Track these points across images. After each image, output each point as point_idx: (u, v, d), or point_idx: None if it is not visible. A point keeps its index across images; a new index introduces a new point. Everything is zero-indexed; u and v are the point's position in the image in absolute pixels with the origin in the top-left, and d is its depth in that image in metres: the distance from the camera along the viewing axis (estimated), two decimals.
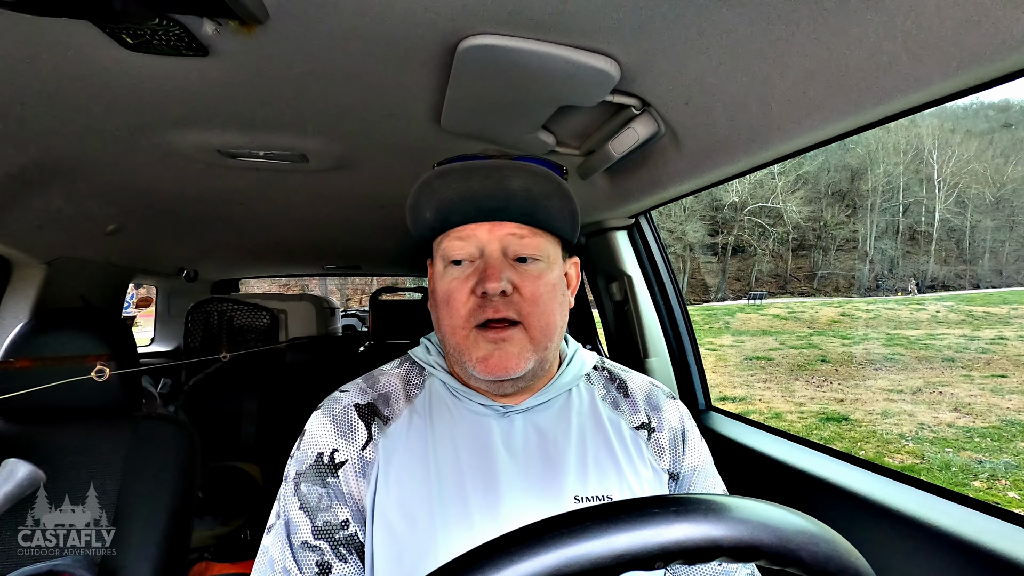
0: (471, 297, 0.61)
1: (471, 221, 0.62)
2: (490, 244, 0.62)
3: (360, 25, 0.73)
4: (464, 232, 0.62)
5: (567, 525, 0.28)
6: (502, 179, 0.60)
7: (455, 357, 0.64)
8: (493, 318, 0.60)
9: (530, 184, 0.61)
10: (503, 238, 0.62)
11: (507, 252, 0.62)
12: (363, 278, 20.77)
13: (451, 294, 0.62)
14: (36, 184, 1.29)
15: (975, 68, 0.54)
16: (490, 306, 0.60)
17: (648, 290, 1.68)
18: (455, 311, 0.62)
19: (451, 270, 0.63)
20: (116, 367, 1.11)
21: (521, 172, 0.60)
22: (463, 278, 0.62)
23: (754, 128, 0.83)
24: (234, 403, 2.58)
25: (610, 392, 0.74)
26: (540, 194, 0.61)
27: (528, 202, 0.61)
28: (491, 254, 0.62)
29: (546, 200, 0.62)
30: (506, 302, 0.61)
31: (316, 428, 0.66)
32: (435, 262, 0.67)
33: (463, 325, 0.62)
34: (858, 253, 35.01)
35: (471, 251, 0.62)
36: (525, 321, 0.61)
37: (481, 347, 0.61)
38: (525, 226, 0.62)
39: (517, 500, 0.61)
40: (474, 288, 0.61)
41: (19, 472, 0.98)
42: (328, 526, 0.61)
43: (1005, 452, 7.65)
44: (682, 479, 0.71)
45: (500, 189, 0.60)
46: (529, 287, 0.62)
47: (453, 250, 0.63)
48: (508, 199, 0.61)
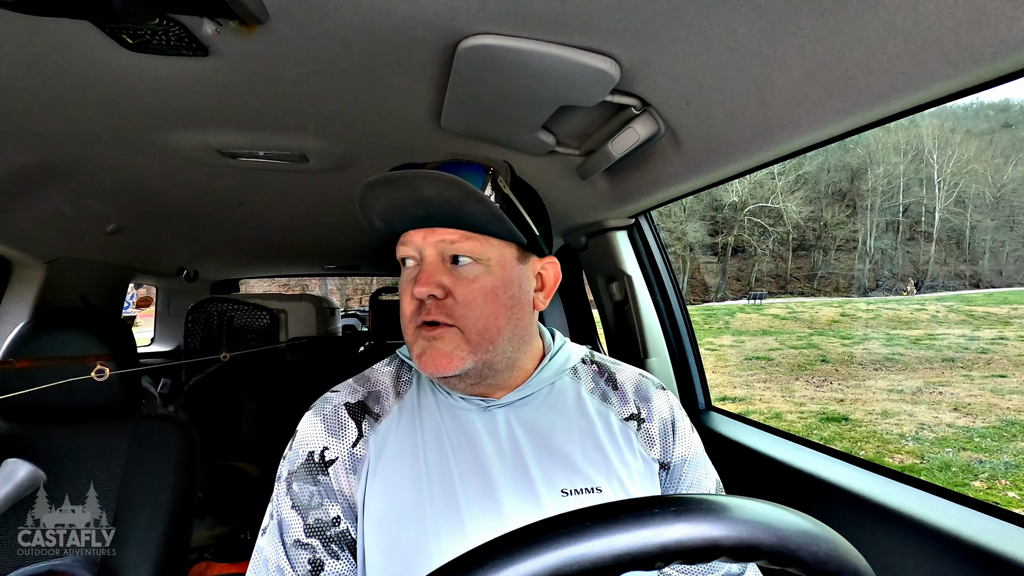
0: (412, 299, 0.64)
1: (410, 228, 0.65)
2: (426, 249, 0.64)
3: (360, 25, 0.73)
4: (407, 238, 0.65)
5: (567, 525, 0.28)
6: (415, 188, 0.60)
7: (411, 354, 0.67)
8: (426, 320, 0.63)
9: (442, 191, 0.60)
10: (436, 243, 0.64)
11: (444, 256, 0.64)
12: (363, 278, 20.78)
13: (402, 295, 0.66)
14: (36, 184, 1.29)
15: (975, 68, 0.54)
16: (423, 309, 0.63)
17: (648, 290, 1.68)
18: (404, 311, 0.65)
19: (405, 272, 0.67)
20: (116, 367, 1.11)
21: (432, 180, 0.59)
22: (408, 280, 0.65)
23: (754, 128, 0.83)
24: (234, 403, 2.58)
25: (599, 385, 0.74)
26: (453, 200, 0.61)
27: (447, 208, 0.61)
28: (427, 259, 0.64)
29: (464, 205, 0.61)
30: (438, 305, 0.62)
31: (307, 428, 0.66)
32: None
33: (407, 325, 0.65)
34: (858, 253, 35.02)
35: (413, 255, 0.65)
36: (459, 323, 0.63)
37: (419, 344, 0.64)
38: (458, 230, 0.63)
39: (505, 494, 0.62)
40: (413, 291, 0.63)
41: (19, 472, 0.98)
42: (320, 524, 0.62)
43: (1005, 452, 7.65)
44: (673, 469, 0.71)
45: (417, 197, 0.61)
46: (462, 291, 0.62)
47: (400, 253, 0.67)
48: (428, 207, 0.61)
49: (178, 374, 2.50)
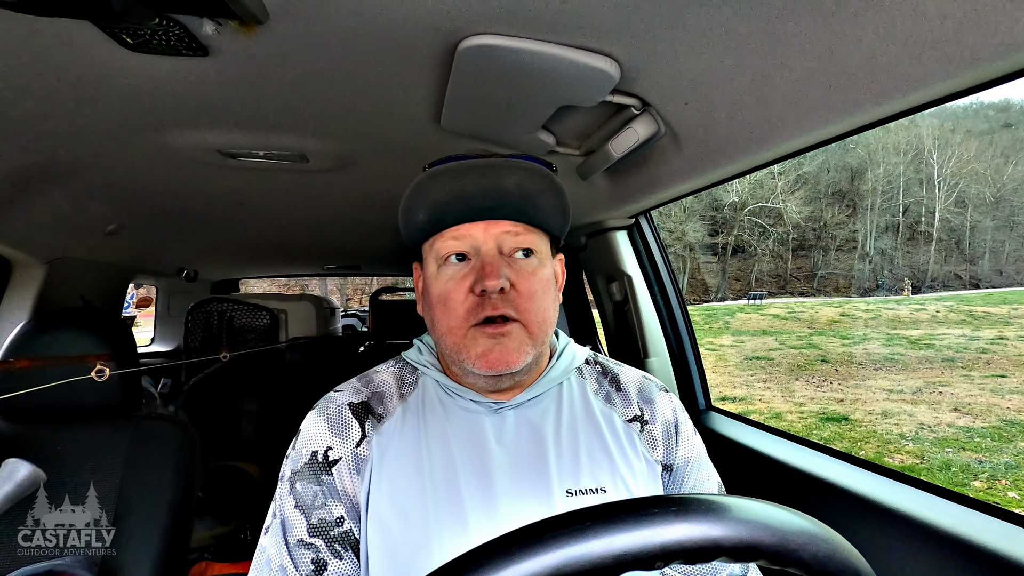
0: (468, 296, 0.61)
1: (465, 221, 0.62)
2: (486, 243, 0.62)
3: (360, 25, 0.73)
4: (458, 232, 0.62)
5: (567, 525, 0.28)
6: (497, 177, 0.60)
7: (452, 357, 0.64)
8: (492, 315, 0.60)
9: (524, 181, 0.61)
10: (498, 236, 0.62)
11: (502, 249, 0.62)
12: (363, 278, 20.77)
13: (448, 294, 0.62)
14: (36, 184, 1.29)
15: (975, 68, 0.54)
16: (488, 304, 0.60)
17: (648, 290, 1.68)
18: (452, 311, 0.62)
19: (446, 269, 0.63)
20: (116, 367, 1.11)
21: (515, 170, 0.60)
22: (459, 277, 0.62)
23: (754, 128, 0.83)
24: (234, 403, 2.58)
25: (602, 386, 0.74)
26: (534, 191, 0.61)
27: (522, 200, 0.61)
28: (488, 252, 0.62)
29: (539, 197, 0.62)
30: (504, 299, 0.61)
31: (310, 427, 0.66)
32: (426, 264, 0.66)
33: (461, 325, 0.62)
34: (858, 253, 35.02)
35: (466, 250, 0.62)
36: (522, 317, 0.62)
37: (480, 343, 0.61)
38: (519, 223, 0.63)
39: (510, 495, 0.62)
40: (472, 287, 0.61)
41: (19, 472, 0.98)
42: (323, 523, 0.61)
43: (1005, 452, 7.65)
44: (675, 471, 0.71)
45: (495, 188, 0.60)
46: (525, 283, 0.62)
47: (447, 249, 0.63)
48: (502, 197, 0.61)
49: (178, 374, 2.50)
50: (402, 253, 2.91)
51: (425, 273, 0.67)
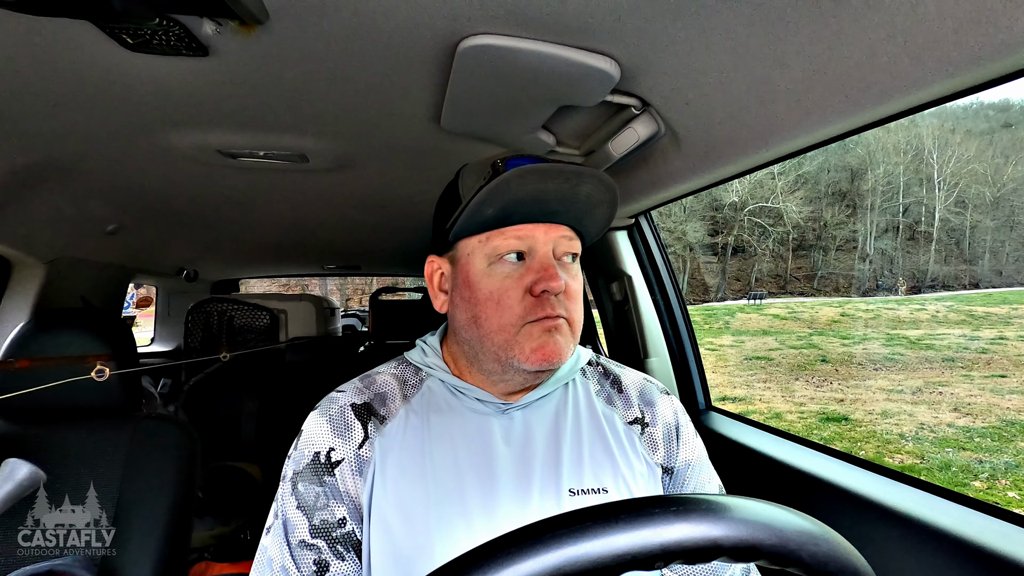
0: (526, 296, 0.62)
1: (531, 221, 0.62)
2: (545, 245, 0.63)
3: (360, 25, 0.73)
4: (522, 231, 0.62)
5: (567, 525, 0.28)
6: (577, 184, 0.60)
7: (496, 355, 0.63)
8: (551, 315, 0.61)
9: (595, 191, 0.61)
10: (556, 240, 0.63)
11: (556, 252, 0.64)
12: (363, 278, 20.76)
13: (504, 292, 0.62)
14: (36, 184, 1.29)
15: (975, 68, 0.54)
16: (548, 304, 0.61)
17: (648, 290, 1.68)
18: (508, 309, 0.62)
19: (501, 267, 0.63)
20: (116, 367, 1.11)
21: (590, 179, 0.60)
22: (516, 276, 0.62)
23: (754, 128, 0.83)
24: (234, 403, 2.58)
25: (604, 387, 0.75)
26: (597, 201, 0.63)
27: (585, 208, 0.63)
28: (547, 255, 0.63)
29: (598, 208, 0.63)
30: (558, 300, 0.62)
31: (313, 428, 0.66)
32: (468, 258, 0.64)
33: (515, 323, 0.62)
34: (858, 253, 35.02)
35: (524, 250, 0.63)
36: (569, 316, 0.63)
37: (535, 338, 0.62)
38: (570, 229, 0.64)
39: (516, 496, 0.62)
40: (531, 287, 0.61)
41: (19, 472, 0.97)
42: (325, 525, 0.61)
43: (1005, 452, 7.65)
44: (676, 473, 0.71)
45: (571, 194, 0.61)
46: (573, 285, 0.64)
47: (508, 247, 0.62)
48: (572, 204, 0.62)
49: (178, 374, 2.50)
50: (402, 253, 2.91)
51: (465, 267, 0.65)
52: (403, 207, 1.84)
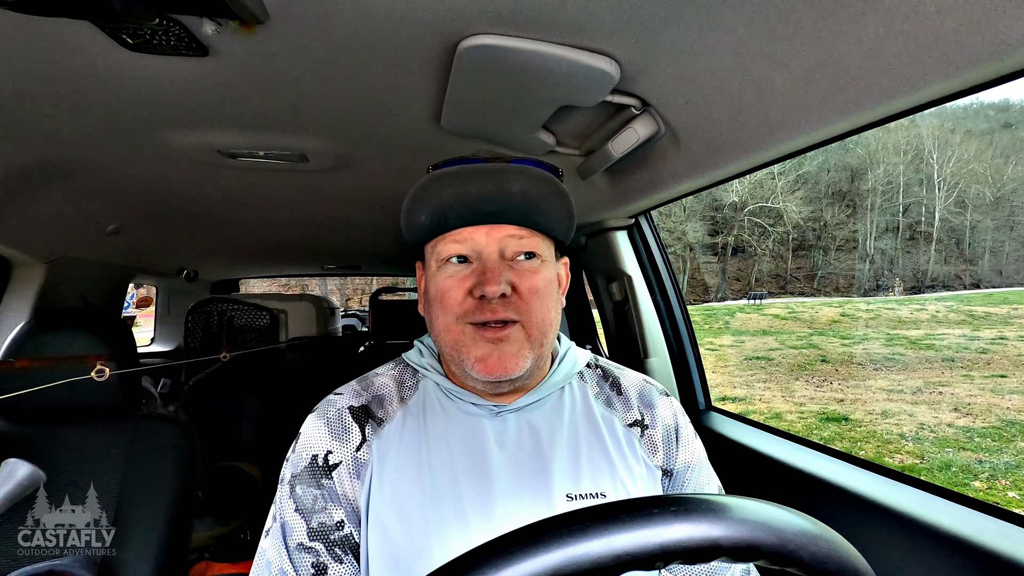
0: (467, 298, 0.61)
1: (468, 224, 0.62)
2: (488, 247, 0.62)
3: (360, 25, 0.73)
4: (460, 235, 0.62)
5: (567, 525, 0.28)
6: (501, 182, 0.60)
7: (451, 356, 0.63)
8: (491, 320, 0.60)
9: (528, 187, 0.61)
10: (501, 240, 0.62)
11: (504, 253, 0.62)
12: (363, 278, 20.77)
13: (446, 292, 0.62)
14: (36, 184, 1.29)
15: (975, 68, 0.54)
16: (488, 308, 0.60)
17: (648, 290, 1.68)
18: (449, 309, 0.62)
19: (446, 268, 0.63)
20: (116, 367, 1.11)
21: (520, 175, 0.60)
22: (459, 277, 0.62)
23: (754, 128, 0.83)
24: (234, 403, 2.58)
25: (603, 390, 0.74)
26: (538, 196, 0.61)
27: (526, 205, 0.61)
28: (489, 257, 0.62)
29: (544, 202, 0.62)
30: (504, 303, 0.61)
31: (310, 431, 0.66)
32: (427, 264, 0.66)
33: (456, 323, 0.62)
34: (858, 253, 35.02)
35: (467, 253, 0.62)
36: (523, 319, 0.61)
37: (479, 346, 0.61)
38: (523, 228, 0.63)
39: (510, 499, 0.61)
40: (472, 290, 0.61)
41: (19, 472, 0.98)
42: (323, 527, 0.61)
43: (1005, 452, 7.65)
44: (676, 476, 0.71)
45: (499, 193, 0.60)
46: (526, 284, 0.62)
47: (448, 252, 0.63)
48: (507, 202, 0.60)
49: (178, 374, 2.50)
50: (402, 253, 2.91)
51: (426, 271, 0.67)
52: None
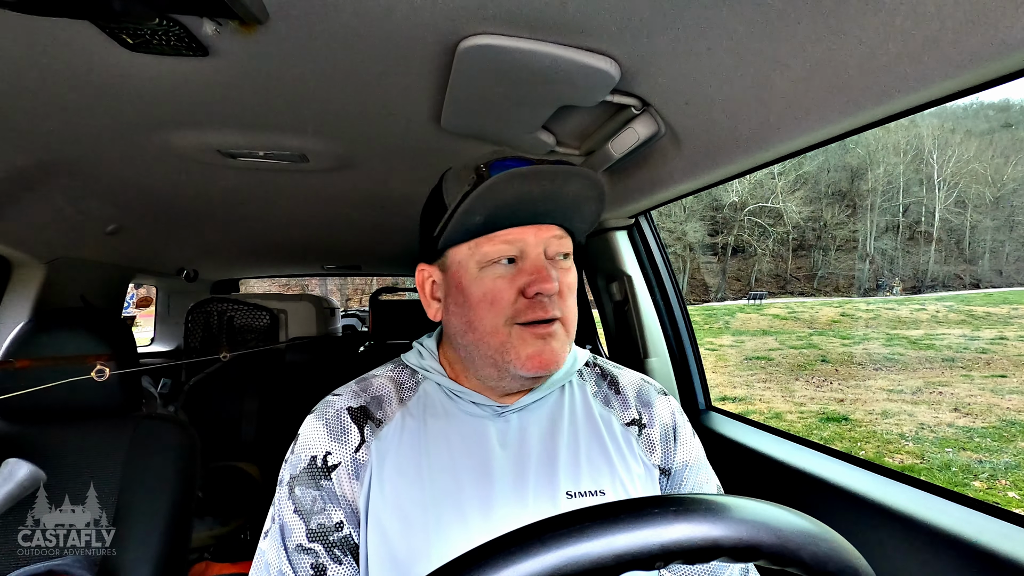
0: (519, 297, 0.61)
1: (520, 224, 0.62)
2: (536, 247, 0.62)
3: (360, 25, 0.73)
4: (510, 236, 0.62)
5: (567, 525, 0.28)
6: (562, 184, 0.60)
7: (492, 359, 0.63)
8: (544, 318, 0.61)
9: (581, 189, 0.61)
10: (547, 240, 0.63)
11: (547, 252, 0.63)
12: (363, 278, 20.77)
13: (497, 293, 0.61)
14: (36, 184, 1.29)
15: (975, 68, 0.54)
16: (540, 307, 0.61)
17: (648, 290, 1.68)
18: (500, 311, 0.61)
19: (493, 269, 0.62)
20: (116, 367, 1.11)
21: (576, 177, 0.60)
22: (508, 278, 0.62)
23: (754, 128, 0.83)
24: (234, 403, 2.58)
25: (601, 389, 0.75)
26: (584, 199, 0.62)
27: (573, 207, 0.63)
28: (538, 257, 0.62)
29: (586, 205, 0.63)
30: (552, 301, 0.62)
31: (309, 432, 0.66)
32: (459, 265, 0.64)
33: (505, 324, 0.62)
34: (858, 253, 35.03)
35: (515, 254, 0.63)
36: (563, 316, 0.63)
37: (530, 344, 0.61)
38: (561, 228, 0.64)
39: (512, 498, 0.62)
40: (523, 289, 0.61)
41: (19, 472, 0.98)
42: (322, 528, 0.61)
43: (1005, 452, 7.65)
44: (674, 475, 0.71)
45: (557, 194, 0.60)
46: (565, 282, 0.64)
47: (498, 253, 0.62)
48: (560, 203, 0.61)
49: (178, 374, 2.50)
50: (402, 253, 2.91)
51: (457, 274, 0.64)
52: (403, 207, 1.84)
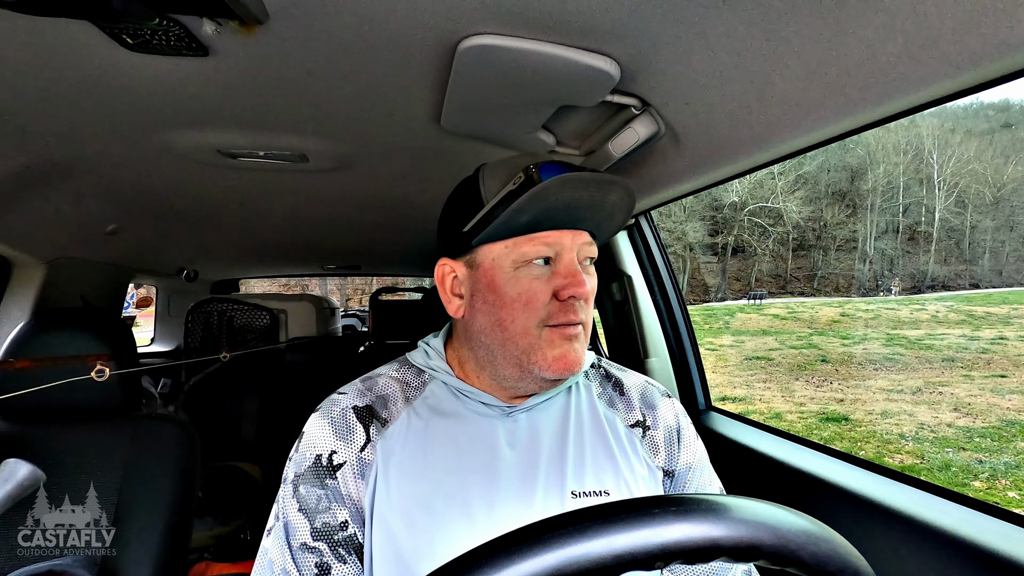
0: (552, 299, 0.62)
1: (559, 228, 0.63)
2: (571, 251, 0.63)
3: (360, 25, 0.73)
4: (551, 238, 0.62)
5: (567, 525, 0.28)
6: (607, 193, 0.61)
7: (518, 359, 0.63)
8: (573, 321, 0.62)
9: (619, 199, 0.63)
10: (580, 245, 0.64)
11: (578, 257, 0.64)
12: (363, 278, 20.76)
13: (533, 294, 0.62)
14: (36, 184, 1.29)
15: (975, 68, 0.54)
16: (571, 309, 0.62)
17: (648, 290, 1.68)
18: (534, 312, 0.62)
19: (529, 270, 0.62)
20: (116, 367, 1.11)
21: (618, 187, 0.62)
22: (544, 279, 0.62)
23: (754, 128, 0.83)
24: (234, 403, 2.58)
25: (606, 390, 0.75)
26: (620, 208, 0.64)
27: (609, 215, 0.64)
28: (572, 260, 0.63)
29: (619, 214, 0.65)
30: (580, 305, 0.63)
31: (314, 430, 0.66)
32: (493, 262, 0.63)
33: (537, 325, 0.62)
34: (858, 253, 35.03)
35: (551, 255, 0.63)
36: (585, 321, 0.64)
37: (556, 346, 0.62)
38: (589, 234, 0.66)
39: (519, 498, 0.62)
40: (558, 291, 0.62)
41: (19, 472, 0.98)
42: (327, 527, 0.61)
43: (1005, 452, 7.65)
44: (677, 476, 0.71)
45: (599, 201, 0.62)
46: (590, 287, 0.65)
47: (536, 253, 0.62)
48: (599, 211, 0.63)
49: (178, 374, 2.50)
50: (402, 253, 2.91)
51: (489, 271, 0.64)
52: (403, 207, 1.84)
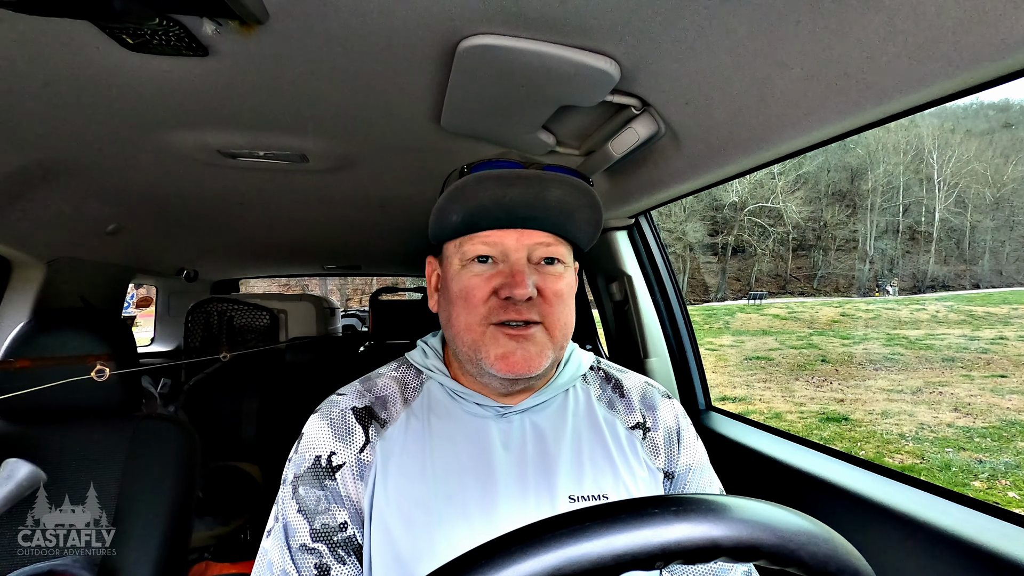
0: (492, 297, 0.62)
1: (500, 227, 0.62)
2: (517, 251, 0.63)
3: (360, 25, 0.73)
4: (490, 238, 0.62)
5: (567, 525, 0.28)
6: (541, 190, 0.60)
7: (468, 356, 0.63)
8: (516, 319, 0.61)
9: (566, 196, 0.61)
10: (531, 246, 0.63)
11: (531, 257, 0.63)
12: (363, 278, 20.76)
13: (471, 291, 0.62)
14: (36, 184, 1.29)
15: (975, 68, 0.54)
16: (513, 309, 0.61)
17: (648, 290, 1.68)
18: (473, 308, 0.62)
19: (471, 267, 0.63)
20: (116, 367, 1.11)
21: (559, 184, 0.60)
22: (485, 276, 0.62)
23: (754, 128, 0.83)
24: (234, 403, 2.58)
25: (606, 392, 0.75)
26: (574, 206, 0.62)
27: (561, 214, 0.62)
28: (517, 261, 0.62)
29: (577, 212, 0.63)
30: (529, 305, 0.62)
31: (314, 431, 0.66)
32: (448, 260, 0.66)
33: (480, 322, 0.62)
34: (858, 253, 35.03)
35: (494, 255, 0.63)
36: (546, 321, 0.63)
37: (500, 344, 0.61)
38: (551, 234, 0.64)
39: (514, 500, 0.62)
40: (497, 290, 0.61)
41: (19, 472, 0.98)
42: (326, 528, 0.61)
43: (1005, 452, 7.65)
44: (677, 478, 0.71)
45: (537, 200, 0.60)
46: (551, 288, 0.63)
47: (475, 252, 0.63)
48: (543, 210, 0.61)
49: (178, 374, 2.50)
50: (402, 253, 2.91)
51: (446, 269, 0.67)
52: (403, 207, 1.84)
